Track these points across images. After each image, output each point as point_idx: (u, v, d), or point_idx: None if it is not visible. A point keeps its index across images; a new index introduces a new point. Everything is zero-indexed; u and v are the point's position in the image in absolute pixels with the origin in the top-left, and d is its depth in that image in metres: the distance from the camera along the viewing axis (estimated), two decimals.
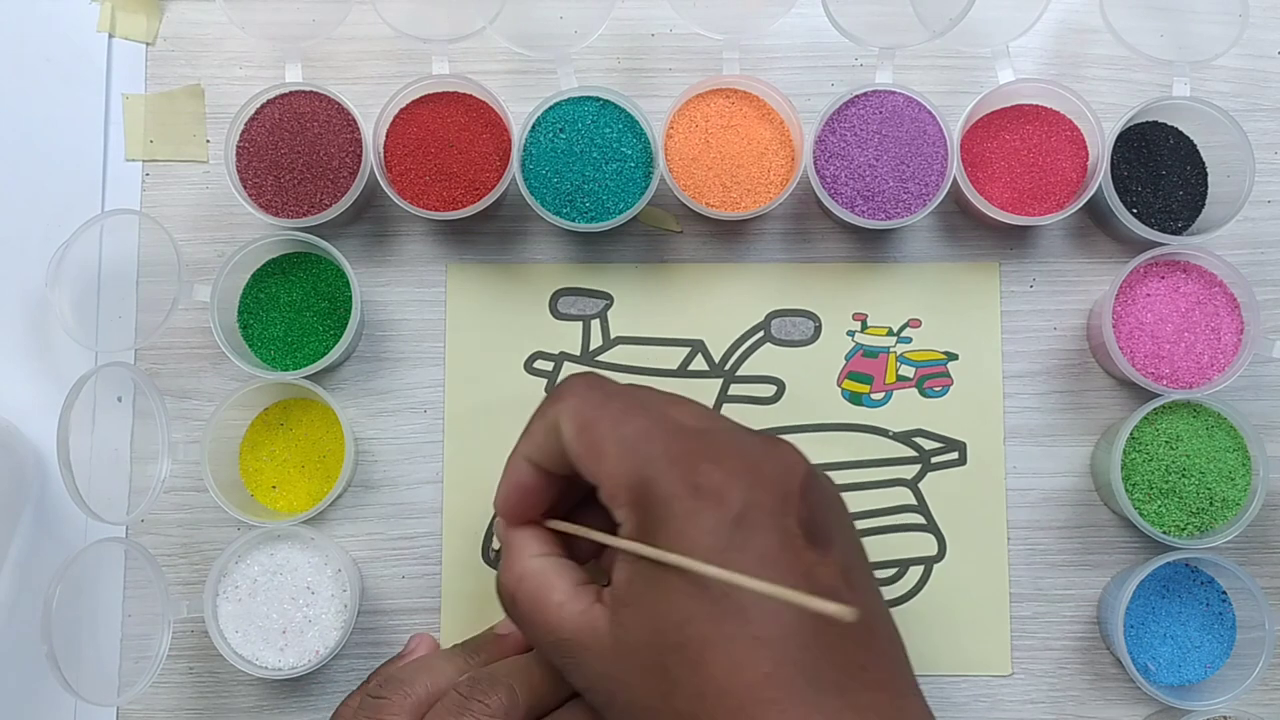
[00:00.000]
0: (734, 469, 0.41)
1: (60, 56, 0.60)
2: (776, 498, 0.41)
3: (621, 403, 0.43)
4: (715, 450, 0.42)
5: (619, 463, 0.42)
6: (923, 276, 0.58)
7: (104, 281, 0.58)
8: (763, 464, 0.42)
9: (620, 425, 0.42)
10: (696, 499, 0.40)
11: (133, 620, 0.57)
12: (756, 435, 0.44)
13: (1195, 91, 0.56)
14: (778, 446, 0.43)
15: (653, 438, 0.42)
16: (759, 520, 0.40)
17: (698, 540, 0.40)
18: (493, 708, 0.46)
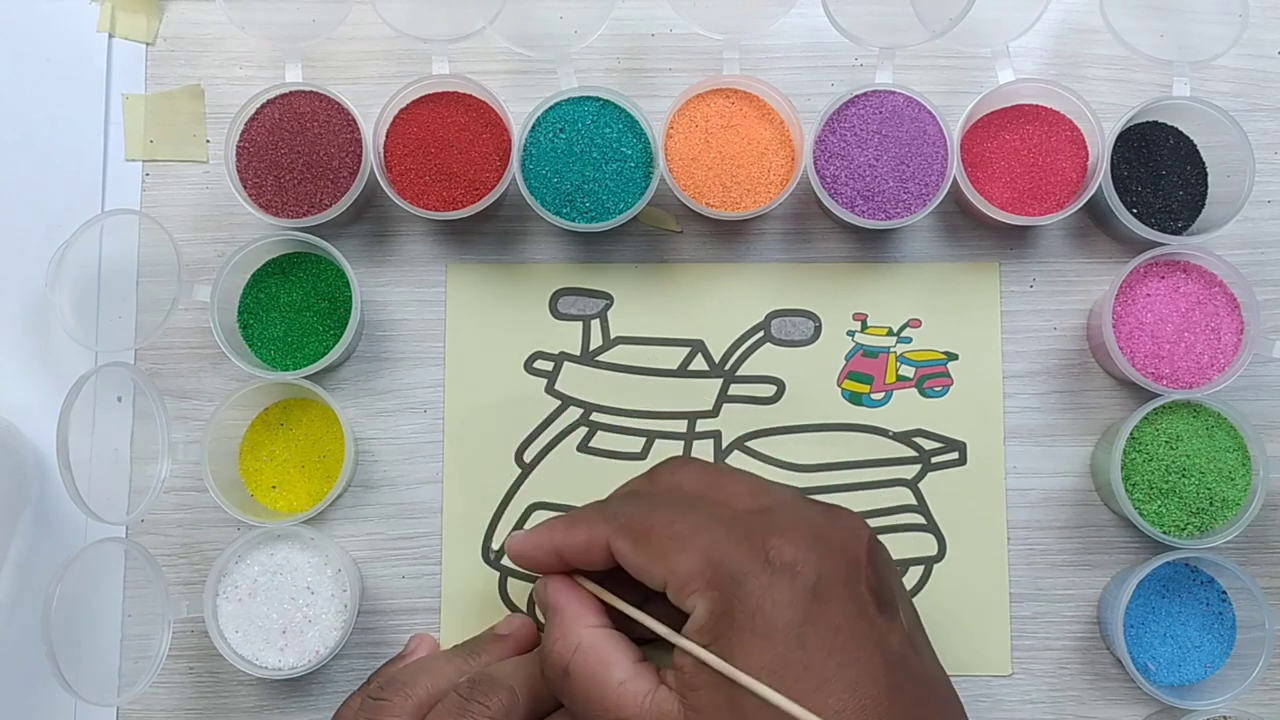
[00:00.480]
0: (803, 540, 0.41)
1: (60, 56, 0.60)
2: (848, 566, 0.41)
3: (670, 507, 0.44)
4: (781, 524, 0.42)
5: (685, 555, 0.42)
6: (923, 276, 0.58)
7: (104, 281, 0.58)
8: (829, 533, 0.42)
9: (675, 523, 0.43)
10: (771, 574, 0.40)
11: (133, 620, 0.57)
12: (816, 504, 0.44)
13: (1195, 91, 0.56)
14: (839, 514, 0.44)
15: (713, 525, 0.42)
16: (834, 590, 0.41)
17: (778, 615, 0.40)
18: (493, 709, 0.46)
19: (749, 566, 0.41)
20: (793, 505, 0.44)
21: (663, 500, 0.45)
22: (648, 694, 0.42)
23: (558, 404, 0.58)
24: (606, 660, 0.43)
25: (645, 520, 0.44)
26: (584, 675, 0.44)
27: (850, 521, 0.44)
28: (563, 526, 0.47)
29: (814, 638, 0.40)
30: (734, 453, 0.57)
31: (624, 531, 0.44)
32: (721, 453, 0.58)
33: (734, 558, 0.41)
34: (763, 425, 0.58)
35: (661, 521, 0.43)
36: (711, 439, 0.58)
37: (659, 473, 0.48)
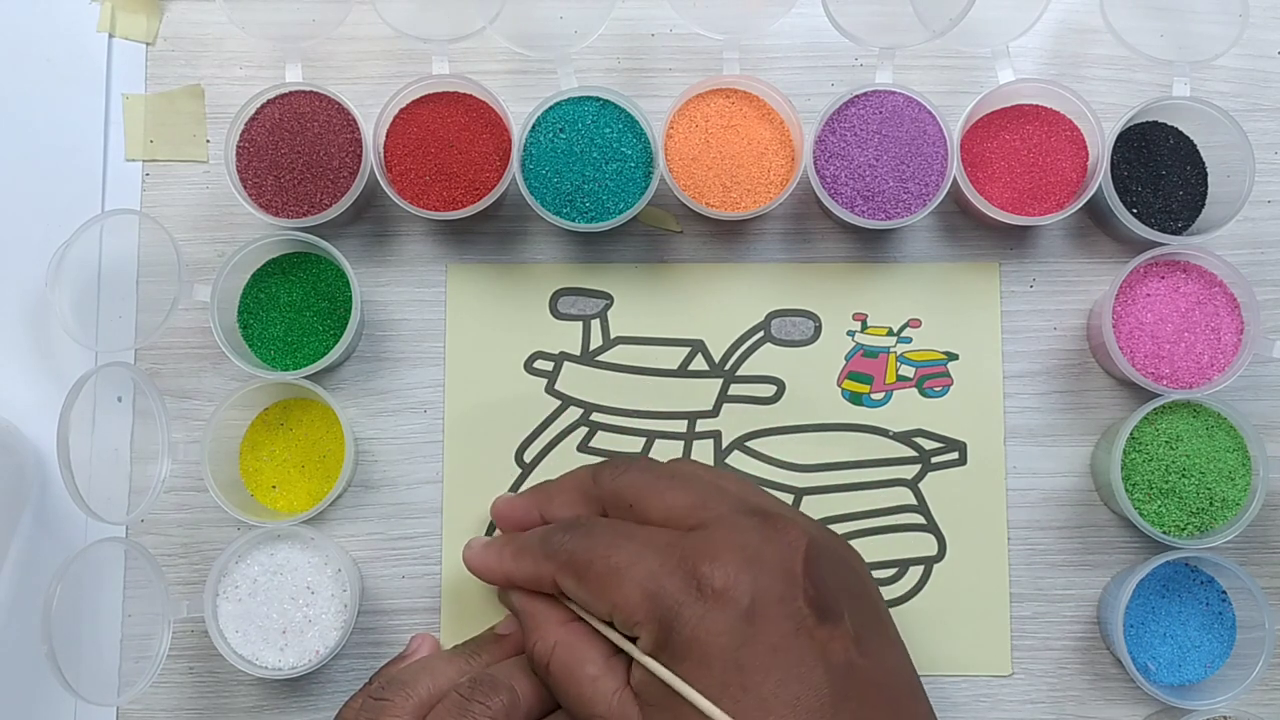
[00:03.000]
0: (734, 562, 0.42)
1: (60, 56, 0.60)
2: (782, 583, 0.42)
3: (608, 537, 0.45)
4: (713, 548, 0.42)
5: (623, 590, 0.43)
6: (923, 276, 0.58)
7: (104, 281, 0.58)
8: (763, 550, 0.42)
9: (611, 557, 0.44)
10: (703, 602, 0.41)
11: (133, 620, 0.56)
12: (754, 517, 0.44)
13: (1195, 91, 0.56)
14: (776, 527, 0.44)
15: (648, 555, 0.43)
16: (768, 610, 0.41)
17: (712, 642, 0.41)
18: (494, 709, 0.46)
19: (682, 597, 0.41)
20: (729, 523, 0.44)
21: (601, 530, 0.46)
22: (616, 691, 0.43)
23: (558, 404, 0.58)
24: (581, 656, 0.45)
25: (586, 556, 0.45)
26: (563, 672, 0.45)
27: (786, 534, 0.43)
28: (510, 556, 0.49)
29: (751, 660, 0.40)
30: (734, 453, 0.57)
31: (567, 569, 0.46)
32: (721, 453, 0.58)
33: (668, 589, 0.42)
34: (763, 425, 0.58)
35: (599, 557, 0.44)
36: (711, 439, 0.58)
37: (602, 476, 0.49)
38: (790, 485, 0.57)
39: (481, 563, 0.50)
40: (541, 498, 0.51)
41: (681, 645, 0.41)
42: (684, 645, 0.41)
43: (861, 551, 0.57)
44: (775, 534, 0.43)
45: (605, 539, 0.45)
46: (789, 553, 0.42)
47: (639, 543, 0.44)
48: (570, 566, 0.45)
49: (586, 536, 0.46)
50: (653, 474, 0.48)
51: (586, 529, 0.47)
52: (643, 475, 0.48)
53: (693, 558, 0.42)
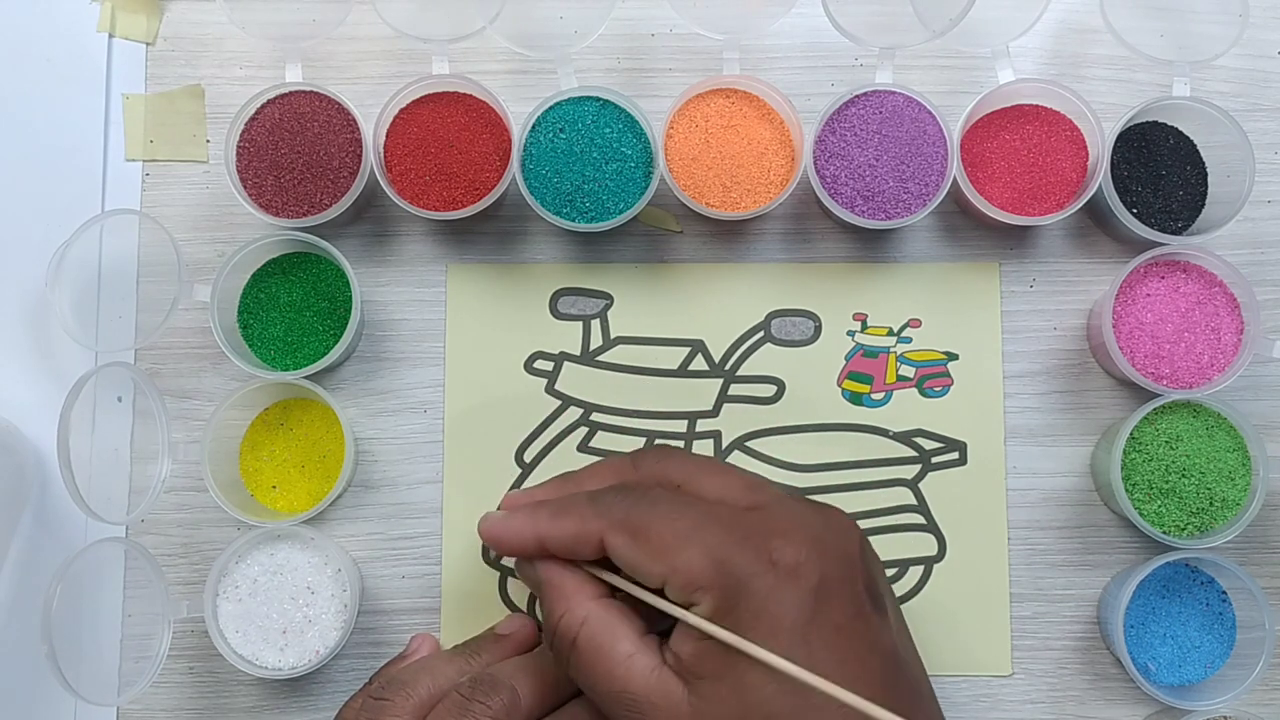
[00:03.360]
0: (804, 541, 0.42)
1: (60, 56, 0.60)
2: (845, 565, 0.43)
3: (668, 503, 0.44)
4: (780, 525, 0.43)
5: (687, 554, 0.42)
6: (923, 276, 0.58)
7: (104, 281, 0.58)
8: (825, 533, 0.43)
9: (676, 521, 0.43)
10: (776, 575, 0.41)
11: (133, 620, 0.56)
12: (808, 504, 0.45)
13: (1195, 91, 0.56)
14: (831, 513, 0.45)
15: (713, 524, 0.43)
16: (834, 590, 0.42)
17: (781, 615, 0.41)
18: (494, 708, 0.46)
19: (754, 568, 0.41)
20: (788, 504, 0.45)
21: (658, 496, 0.45)
22: (654, 669, 0.43)
23: (558, 404, 0.58)
24: (615, 632, 0.44)
25: (644, 517, 0.44)
26: (591, 648, 0.44)
27: (841, 521, 0.45)
28: (548, 516, 0.46)
29: (817, 636, 0.41)
30: (734, 453, 0.57)
31: (621, 527, 0.44)
32: (721, 452, 0.57)
33: (738, 558, 0.42)
34: (763, 425, 0.58)
35: (661, 518, 0.43)
36: (711, 439, 0.58)
37: (643, 461, 0.48)
38: (790, 485, 0.57)
39: (511, 529, 0.47)
40: (569, 483, 0.49)
41: (749, 615, 0.41)
42: (752, 615, 0.41)
43: None
44: (832, 520, 0.44)
45: (666, 504, 0.44)
46: (847, 540, 0.44)
47: (700, 513, 0.43)
48: (625, 525, 0.44)
49: (644, 498, 0.45)
50: (697, 460, 0.48)
51: (643, 492, 0.45)
52: (689, 460, 0.48)
53: (762, 532, 0.42)
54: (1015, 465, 0.58)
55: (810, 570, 0.41)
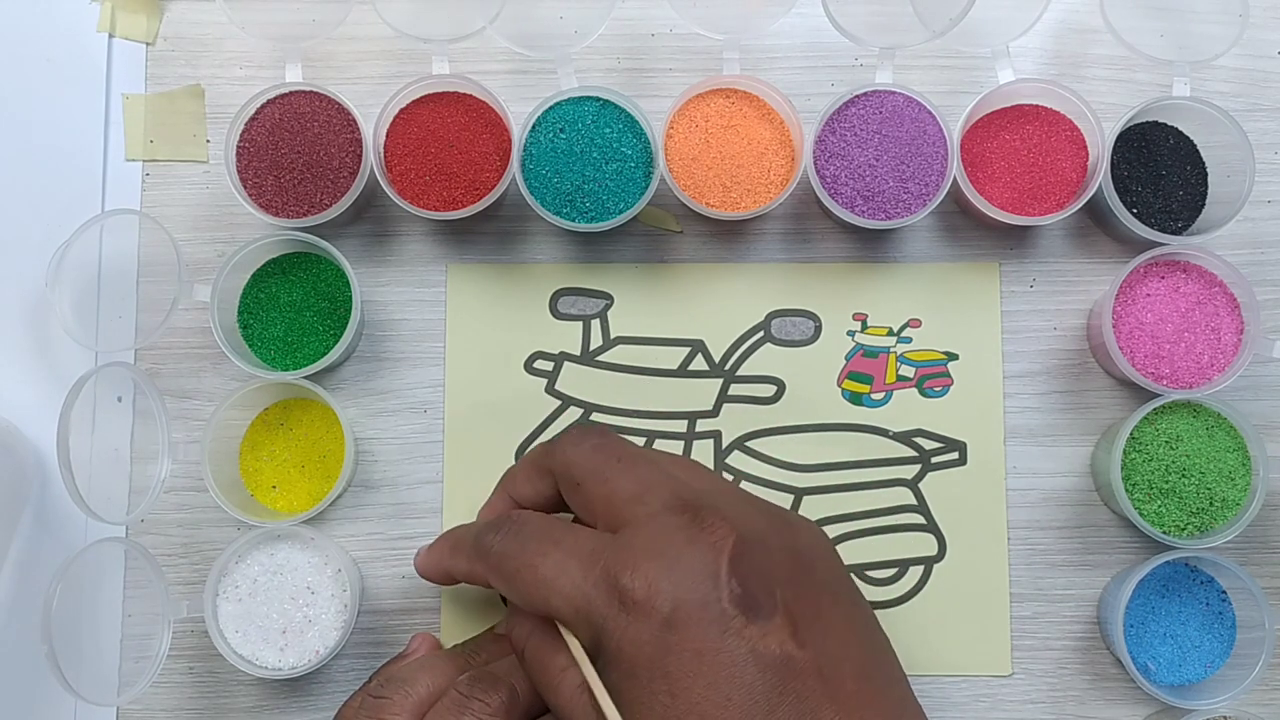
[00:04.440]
0: (654, 571, 0.41)
1: (60, 56, 0.60)
2: (705, 585, 0.41)
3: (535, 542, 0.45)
4: (633, 556, 0.42)
5: (552, 601, 0.43)
6: (923, 276, 0.58)
7: (104, 281, 0.58)
8: (684, 554, 0.42)
9: (539, 567, 0.44)
10: (625, 614, 0.41)
11: (133, 620, 0.56)
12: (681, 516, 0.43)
13: (1195, 91, 0.56)
14: (702, 525, 0.43)
15: (572, 566, 0.43)
16: (690, 615, 0.41)
17: (637, 654, 0.41)
18: (493, 706, 0.46)
19: (605, 609, 0.41)
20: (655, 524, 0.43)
21: (530, 531, 0.46)
22: (579, 687, 0.43)
23: (558, 404, 0.58)
24: (552, 648, 0.45)
25: (512, 563, 0.45)
26: (535, 660, 0.45)
27: (713, 533, 0.42)
28: (448, 552, 0.50)
29: (677, 667, 0.40)
30: (734, 453, 0.57)
31: (497, 572, 0.46)
32: (721, 453, 0.57)
33: (593, 602, 0.42)
34: (763, 425, 0.58)
35: (526, 565, 0.44)
36: (711, 439, 0.58)
37: (555, 451, 0.49)
38: (790, 485, 0.57)
39: (425, 563, 0.52)
40: (508, 479, 0.52)
41: (610, 656, 0.41)
42: (612, 656, 0.41)
43: (862, 552, 0.57)
44: (700, 534, 0.42)
45: (532, 544, 0.45)
46: (713, 553, 0.42)
47: (565, 550, 0.44)
48: (500, 571, 0.46)
49: (515, 538, 0.46)
50: (604, 454, 0.47)
51: (515, 529, 0.46)
52: (594, 456, 0.47)
53: (615, 567, 0.42)
54: (1015, 465, 0.58)
55: (660, 601, 0.41)
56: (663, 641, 0.40)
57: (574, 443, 0.48)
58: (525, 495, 0.50)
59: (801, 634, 0.41)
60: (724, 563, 0.42)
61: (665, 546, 0.42)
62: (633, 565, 0.42)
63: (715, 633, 0.40)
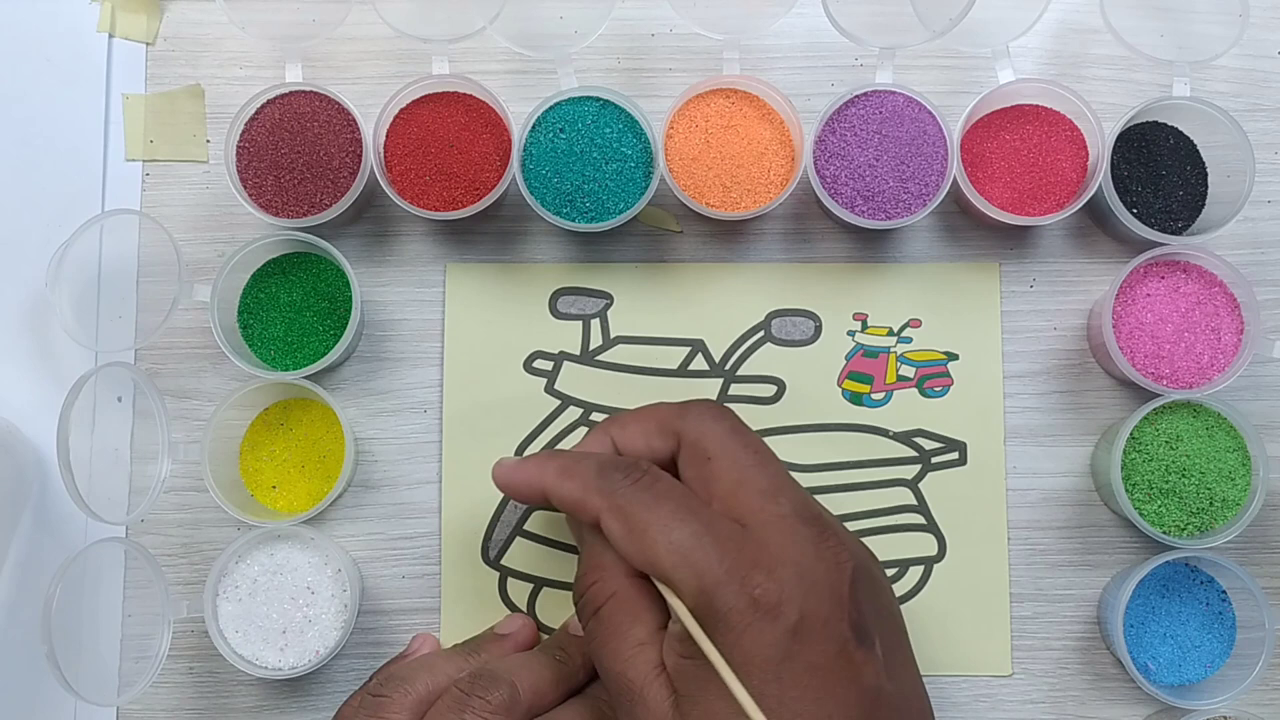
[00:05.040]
0: (787, 578, 0.42)
1: (60, 56, 0.60)
2: (830, 604, 0.42)
3: (670, 507, 0.44)
4: (769, 557, 0.42)
5: (678, 573, 0.42)
6: (923, 276, 0.58)
7: (104, 281, 0.58)
8: (815, 568, 0.42)
9: (672, 532, 0.43)
10: (754, 611, 0.41)
11: (133, 620, 0.56)
12: (809, 528, 0.44)
13: (1195, 91, 0.56)
14: (828, 543, 0.43)
15: (705, 546, 0.42)
16: (813, 629, 0.41)
17: (754, 653, 0.41)
18: (494, 704, 0.46)
19: (733, 601, 0.41)
20: (787, 529, 0.43)
21: (664, 491, 0.45)
22: (654, 667, 0.43)
23: (557, 404, 0.58)
24: (635, 617, 0.44)
25: (643, 515, 0.44)
26: (611, 624, 0.44)
27: (837, 553, 0.43)
28: (555, 472, 0.47)
29: (790, 675, 0.40)
30: None
31: (618, 514, 0.44)
32: None
33: (723, 588, 0.41)
34: (763, 425, 0.58)
35: (658, 525, 0.43)
36: None
37: (689, 417, 0.47)
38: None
39: (520, 476, 0.48)
40: (615, 425, 0.49)
41: (724, 648, 0.41)
42: (726, 649, 0.41)
43: None
44: (828, 551, 0.43)
45: (668, 504, 0.44)
46: (838, 573, 0.43)
47: (702, 524, 0.43)
48: (622, 514, 0.44)
49: (648, 491, 0.44)
50: (741, 438, 0.46)
51: (650, 482, 0.45)
52: (732, 438, 0.46)
53: (749, 563, 0.42)
54: (1015, 465, 0.58)
55: (790, 609, 0.41)
56: (784, 648, 0.41)
57: (713, 417, 0.47)
58: (634, 447, 0.48)
59: (891, 669, 0.43)
60: (846, 585, 0.42)
61: (799, 555, 0.42)
62: (768, 565, 0.42)
63: (832, 651, 0.41)
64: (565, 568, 0.57)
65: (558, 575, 0.57)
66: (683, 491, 0.45)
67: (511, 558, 0.57)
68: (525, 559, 0.57)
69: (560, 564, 0.57)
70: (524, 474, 0.48)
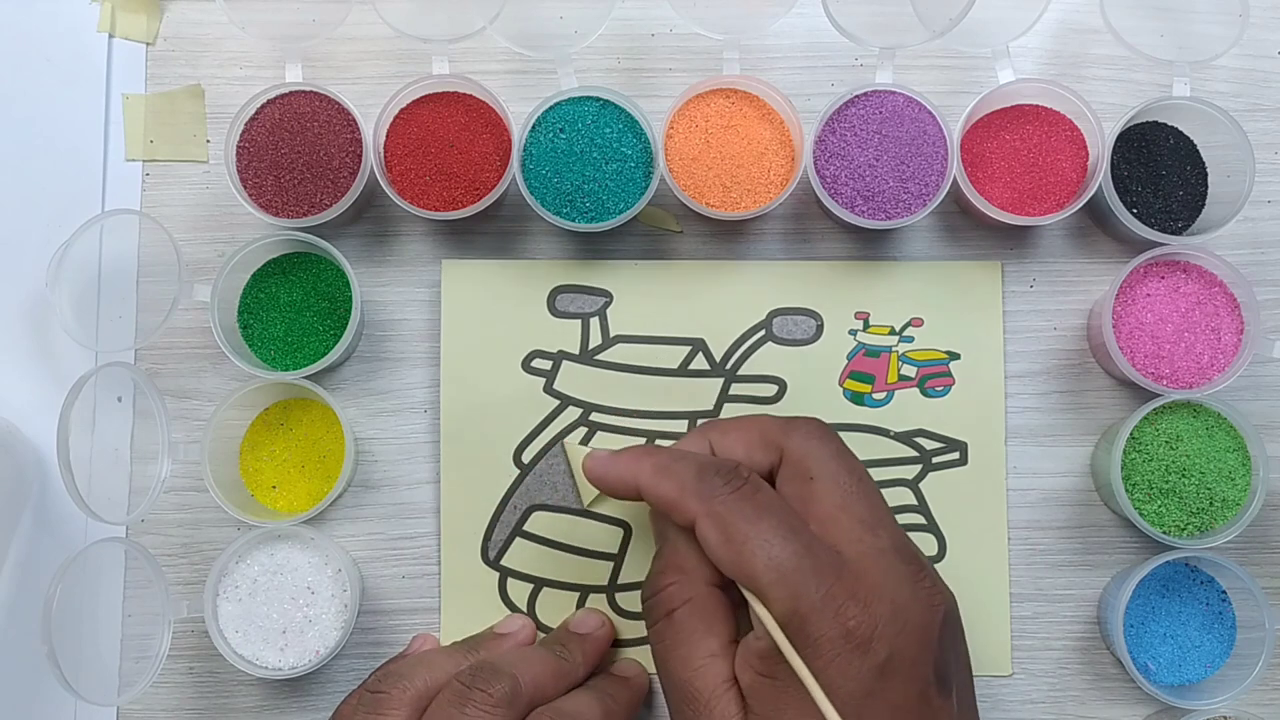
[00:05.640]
0: (882, 613, 0.41)
1: (60, 56, 0.60)
2: (919, 645, 0.42)
3: (772, 521, 0.43)
4: (865, 589, 0.42)
5: (773, 591, 0.42)
6: (925, 274, 0.58)
7: (104, 281, 0.58)
8: (909, 607, 0.42)
9: (772, 547, 0.42)
10: (845, 642, 0.41)
11: (133, 620, 0.56)
12: (907, 566, 0.44)
13: (1195, 91, 0.56)
14: (923, 584, 0.43)
15: (804, 568, 0.42)
16: (900, 669, 0.41)
17: (839, 684, 0.41)
18: (495, 697, 0.45)
19: (826, 630, 0.41)
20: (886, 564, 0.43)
21: (765, 504, 0.44)
22: (725, 681, 0.43)
23: (556, 403, 0.58)
24: (710, 627, 0.44)
25: (742, 526, 0.43)
26: (684, 630, 0.44)
27: (931, 595, 0.43)
28: (651, 469, 0.46)
29: (870, 712, 0.40)
30: None
31: (716, 521, 0.43)
32: None
33: (818, 613, 0.41)
34: None
35: (758, 538, 0.43)
36: None
37: (793, 434, 0.47)
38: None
39: (614, 471, 0.47)
40: (715, 431, 0.48)
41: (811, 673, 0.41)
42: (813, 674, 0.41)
43: None
44: (923, 592, 0.43)
45: (770, 518, 0.43)
46: (930, 616, 0.43)
47: (803, 544, 0.43)
48: (721, 522, 0.43)
49: (749, 501, 0.44)
50: (845, 462, 0.46)
51: (751, 491, 0.44)
52: (836, 459, 0.46)
53: (846, 593, 0.42)
54: (1015, 465, 0.58)
55: (880, 646, 0.41)
56: (869, 684, 0.41)
57: (819, 437, 0.47)
58: (733, 455, 0.47)
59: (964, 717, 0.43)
60: (937, 628, 0.42)
61: (895, 593, 0.42)
62: (864, 599, 0.42)
63: (914, 694, 0.41)
64: (565, 568, 0.57)
65: (558, 575, 0.57)
66: (784, 507, 0.44)
67: (511, 558, 0.57)
68: (525, 559, 0.57)
69: (560, 564, 0.57)
70: (618, 468, 0.47)
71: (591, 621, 0.54)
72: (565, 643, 0.51)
